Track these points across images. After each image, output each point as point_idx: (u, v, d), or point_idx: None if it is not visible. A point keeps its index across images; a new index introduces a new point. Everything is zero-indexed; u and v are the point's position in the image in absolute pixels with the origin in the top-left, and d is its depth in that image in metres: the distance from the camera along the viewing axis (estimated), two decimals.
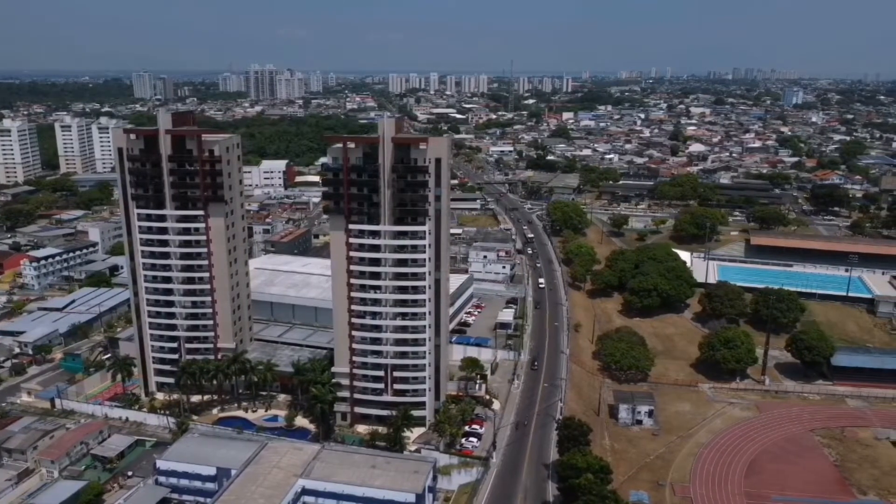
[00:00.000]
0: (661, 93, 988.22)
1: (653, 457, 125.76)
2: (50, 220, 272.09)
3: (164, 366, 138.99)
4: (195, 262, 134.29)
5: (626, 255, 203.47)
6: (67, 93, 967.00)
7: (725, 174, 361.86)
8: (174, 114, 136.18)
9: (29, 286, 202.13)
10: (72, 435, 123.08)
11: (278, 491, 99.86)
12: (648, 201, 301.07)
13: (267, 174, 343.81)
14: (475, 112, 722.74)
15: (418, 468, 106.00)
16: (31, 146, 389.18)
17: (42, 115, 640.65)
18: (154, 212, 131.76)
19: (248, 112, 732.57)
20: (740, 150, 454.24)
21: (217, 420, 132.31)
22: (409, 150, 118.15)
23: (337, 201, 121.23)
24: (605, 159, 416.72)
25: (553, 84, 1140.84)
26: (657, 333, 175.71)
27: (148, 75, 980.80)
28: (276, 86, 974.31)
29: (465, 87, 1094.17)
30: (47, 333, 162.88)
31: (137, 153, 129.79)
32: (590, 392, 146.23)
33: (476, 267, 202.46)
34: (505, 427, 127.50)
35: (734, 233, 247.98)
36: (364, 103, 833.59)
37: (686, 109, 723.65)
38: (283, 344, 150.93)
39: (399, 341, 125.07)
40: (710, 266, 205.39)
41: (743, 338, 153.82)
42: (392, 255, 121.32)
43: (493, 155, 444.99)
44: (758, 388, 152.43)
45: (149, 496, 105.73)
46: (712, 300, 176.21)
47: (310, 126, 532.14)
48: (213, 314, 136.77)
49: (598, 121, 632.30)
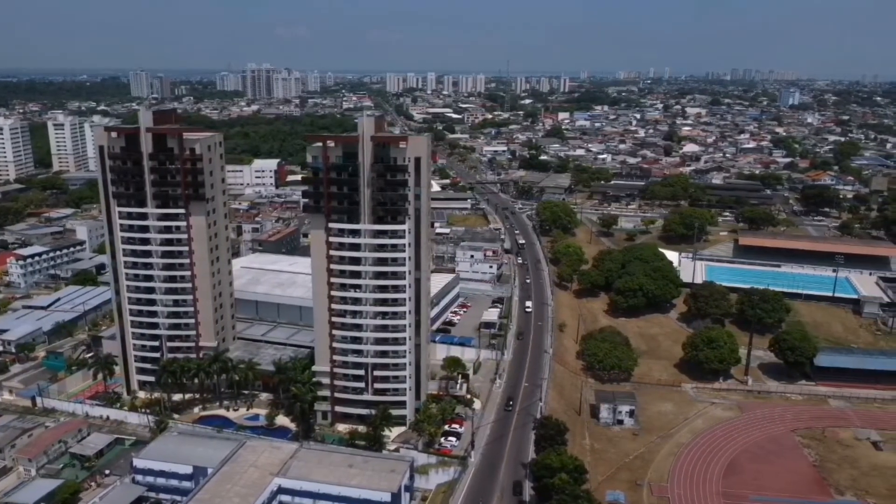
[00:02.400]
0: (659, 93, 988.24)
1: (632, 457, 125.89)
2: (39, 219, 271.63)
3: (146, 364, 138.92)
4: (176, 260, 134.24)
5: (613, 256, 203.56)
6: (64, 91, 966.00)
7: (718, 175, 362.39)
8: (156, 112, 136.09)
9: (15, 284, 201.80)
10: (50, 433, 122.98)
11: (254, 490, 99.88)
12: (639, 201, 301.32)
13: (258, 173, 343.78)
14: (471, 112, 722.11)
15: (395, 467, 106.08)
16: (24, 144, 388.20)
17: (38, 113, 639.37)
18: (135, 210, 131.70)
19: (245, 111, 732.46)
20: (734, 150, 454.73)
21: (198, 419, 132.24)
22: (388, 149, 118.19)
23: (317, 200, 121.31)
24: (599, 159, 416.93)
25: (551, 84, 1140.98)
26: (642, 333, 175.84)
27: (145, 74, 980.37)
28: (273, 85, 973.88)
29: (463, 87, 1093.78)
30: (31, 332, 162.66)
31: (119, 151, 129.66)
32: (572, 392, 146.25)
33: (463, 266, 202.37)
34: (485, 426, 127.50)
35: (723, 233, 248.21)
36: (361, 103, 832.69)
37: (682, 110, 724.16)
38: (266, 343, 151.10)
39: (379, 340, 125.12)
40: (697, 266, 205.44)
41: (726, 338, 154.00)
42: (372, 253, 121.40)
43: (486, 155, 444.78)
44: (741, 389, 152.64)
45: (125, 495, 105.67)
46: (697, 300, 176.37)
47: (305, 125, 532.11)
48: (195, 313, 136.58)
49: (594, 121, 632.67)
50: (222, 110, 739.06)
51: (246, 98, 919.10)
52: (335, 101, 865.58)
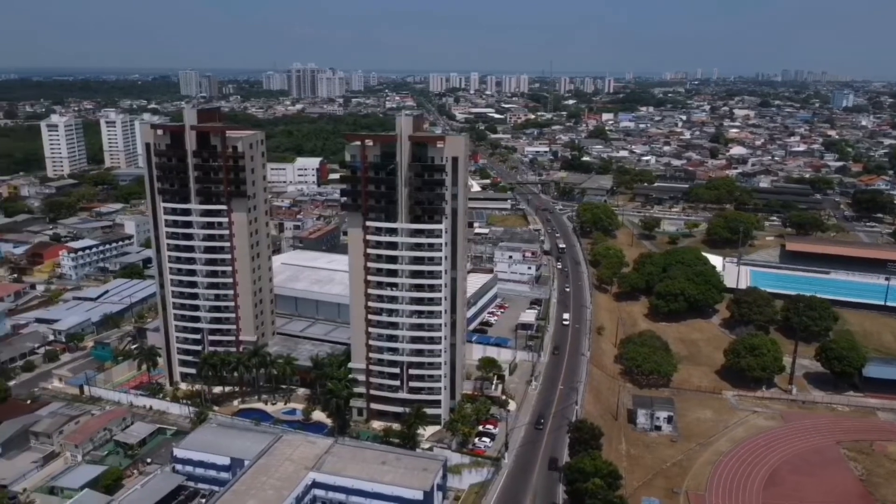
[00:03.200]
0: (706, 94, 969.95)
1: (669, 463, 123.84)
2: (90, 213, 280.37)
3: (188, 356, 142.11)
4: (218, 255, 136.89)
5: (655, 259, 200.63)
6: (117, 90, 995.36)
7: (765, 178, 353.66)
8: (200, 110, 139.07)
9: (67, 276, 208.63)
10: (96, 421, 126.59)
11: (288, 483, 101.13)
12: (683, 204, 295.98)
13: (301, 171, 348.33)
14: (513, 112, 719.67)
15: (428, 466, 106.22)
16: (78, 141, 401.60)
17: (91, 111, 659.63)
18: (179, 206, 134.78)
19: (289, 110, 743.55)
20: (783, 153, 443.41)
21: (237, 411, 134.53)
22: (426, 148, 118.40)
23: (355, 198, 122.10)
24: (642, 161, 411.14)
25: (595, 85, 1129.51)
26: (683, 338, 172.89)
27: (194, 73, 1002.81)
28: (317, 84, 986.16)
29: (506, 87, 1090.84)
30: (80, 322, 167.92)
31: (164, 148, 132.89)
32: (609, 396, 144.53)
33: (501, 267, 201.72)
34: (519, 428, 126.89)
35: (769, 238, 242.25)
36: (403, 102, 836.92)
37: (730, 111, 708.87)
38: (304, 339, 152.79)
39: (415, 339, 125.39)
40: (742, 271, 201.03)
41: (770, 345, 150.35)
42: (408, 252, 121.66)
43: (528, 155, 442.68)
44: (784, 398, 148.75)
45: (164, 483, 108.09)
46: (741, 306, 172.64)
47: (347, 124, 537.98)
48: (235, 307, 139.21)
49: (638, 122, 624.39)
50: (267, 109, 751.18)
51: (291, 97, 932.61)
52: (378, 101, 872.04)
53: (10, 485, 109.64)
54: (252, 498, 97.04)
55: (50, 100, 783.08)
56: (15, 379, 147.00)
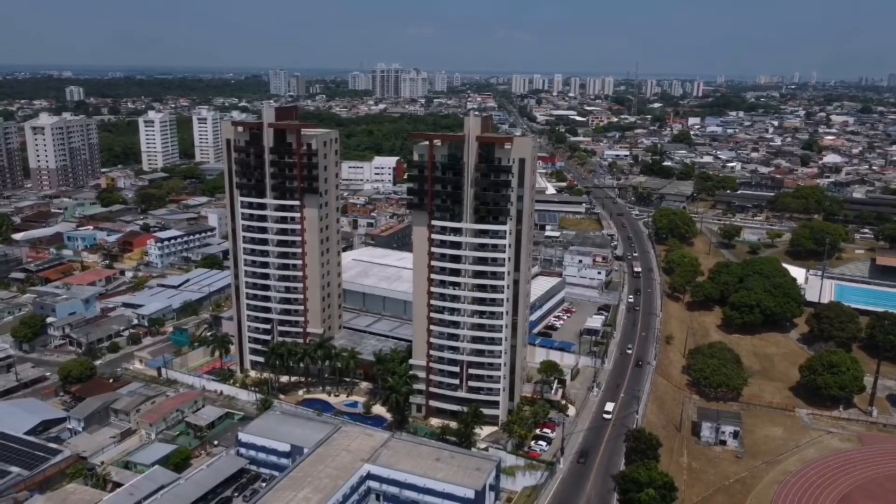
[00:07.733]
0: (802, 98, 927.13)
1: (732, 480, 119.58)
2: (178, 205, 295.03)
3: (258, 346, 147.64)
4: (289, 249, 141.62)
5: (731, 268, 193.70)
6: (211, 88, 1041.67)
7: (860, 188, 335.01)
8: (278, 108, 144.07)
9: (153, 264, 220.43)
10: (170, 402, 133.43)
11: (344, 472, 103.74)
12: (767, 213, 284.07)
13: (378, 170, 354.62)
14: (595, 115, 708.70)
15: (481, 465, 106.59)
16: (171, 136, 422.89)
17: (186, 108, 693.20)
18: (255, 200, 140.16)
19: (372, 109, 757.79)
20: (883, 162, 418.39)
21: (301, 401, 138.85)
22: (493, 149, 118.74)
23: (421, 197, 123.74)
24: (727, 167, 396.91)
25: (683, 88, 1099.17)
26: (757, 352, 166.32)
27: (283, 73, 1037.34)
28: (400, 85, 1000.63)
29: (590, 89, 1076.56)
30: (162, 308, 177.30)
31: (243, 144, 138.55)
32: (673, 407, 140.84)
33: (570, 271, 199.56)
34: (577, 434, 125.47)
35: (859, 251, 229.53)
36: (484, 103, 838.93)
37: (826, 117, 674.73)
38: (369, 333, 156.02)
39: (475, 339, 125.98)
40: (825, 285, 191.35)
41: (850, 363, 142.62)
42: (472, 252, 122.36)
43: (607, 159, 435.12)
44: (863, 419, 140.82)
45: (229, 465, 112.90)
46: (821, 321, 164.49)
47: (427, 124, 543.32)
48: (304, 300, 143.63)
49: (726, 127, 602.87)
50: (351, 108, 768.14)
51: (374, 97, 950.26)
52: (459, 102, 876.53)
53: (90, 457, 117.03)
54: (308, 485, 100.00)
55: (150, 97, 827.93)
56: (101, 359, 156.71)
